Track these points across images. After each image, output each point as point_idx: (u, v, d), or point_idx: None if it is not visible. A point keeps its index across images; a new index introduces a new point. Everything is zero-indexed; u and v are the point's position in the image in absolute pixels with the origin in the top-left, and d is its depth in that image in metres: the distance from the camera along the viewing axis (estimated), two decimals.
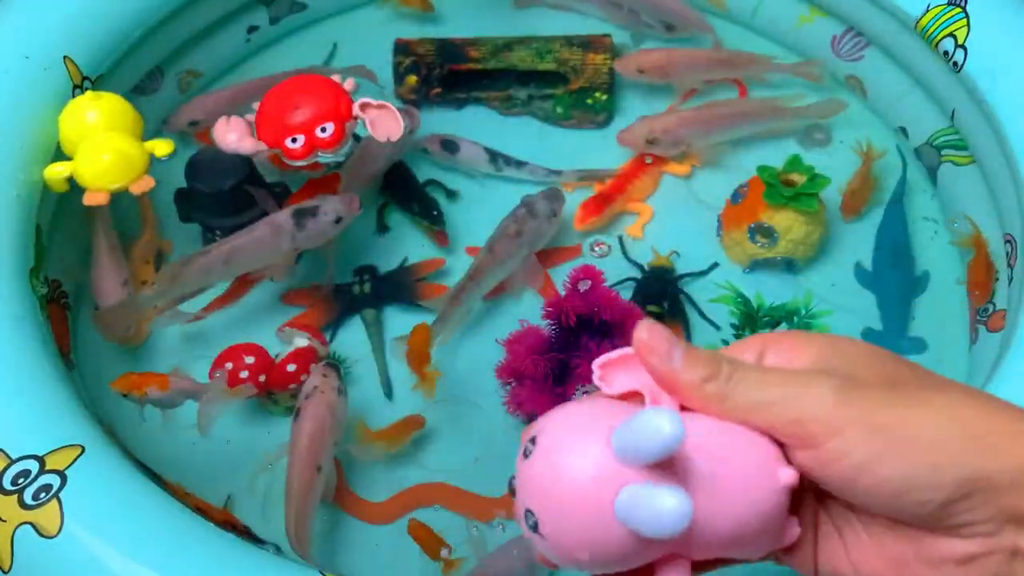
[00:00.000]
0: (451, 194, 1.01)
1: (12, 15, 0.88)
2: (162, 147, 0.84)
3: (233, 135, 0.86)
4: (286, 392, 0.84)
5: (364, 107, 0.86)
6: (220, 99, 1.01)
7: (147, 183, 0.82)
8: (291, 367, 0.84)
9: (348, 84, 0.89)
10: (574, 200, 1.00)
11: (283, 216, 0.86)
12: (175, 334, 0.90)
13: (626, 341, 0.38)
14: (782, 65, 1.07)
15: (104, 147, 0.80)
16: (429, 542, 0.78)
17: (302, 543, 0.75)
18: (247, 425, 0.86)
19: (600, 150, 1.04)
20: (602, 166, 1.02)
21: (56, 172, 0.81)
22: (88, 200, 0.81)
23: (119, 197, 0.83)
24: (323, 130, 0.84)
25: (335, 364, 0.83)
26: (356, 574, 0.79)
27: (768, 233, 0.93)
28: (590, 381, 0.76)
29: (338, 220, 0.87)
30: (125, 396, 0.80)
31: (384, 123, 0.86)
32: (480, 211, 1.00)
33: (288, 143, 0.84)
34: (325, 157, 0.86)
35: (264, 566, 0.63)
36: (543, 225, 0.91)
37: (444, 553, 0.77)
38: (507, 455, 0.84)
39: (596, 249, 0.96)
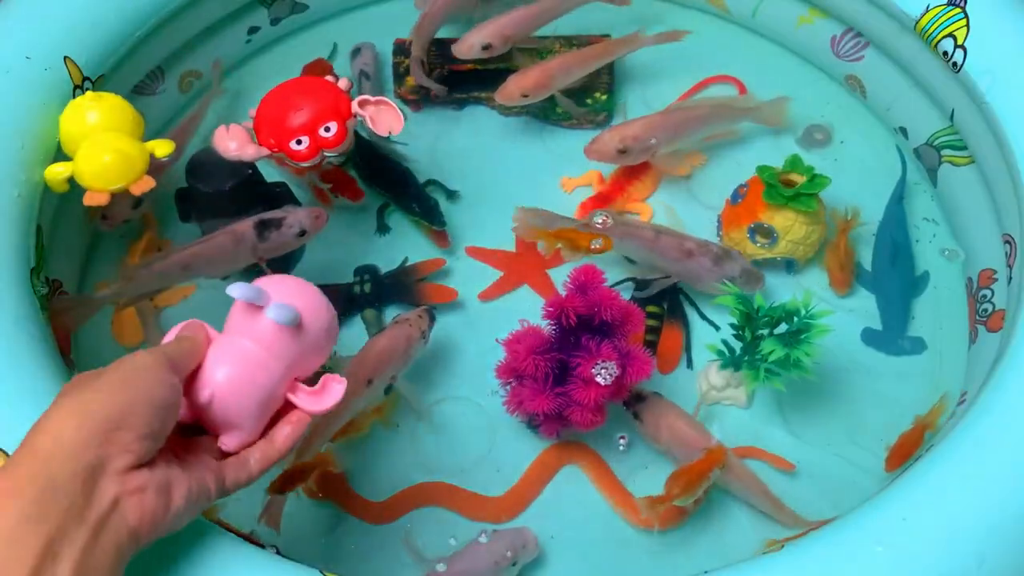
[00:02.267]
0: (451, 194, 1.01)
1: (13, 15, 0.88)
2: (162, 147, 0.84)
3: (233, 143, 0.85)
4: None
5: (363, 104, 0.86)
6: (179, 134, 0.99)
7: (147, 183, 0.81)
8: None
9: (343, 83, 0.89)
10: (574, 200, 1.00)
11: (245, 226, 0.85)
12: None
13: (626, 342, 0.37)
14: (648, 38, 1.05)
15: (104, 147, 0.80)
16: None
17: (310, 442, 0.78)
18: None
19: None
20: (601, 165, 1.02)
21: (57, 172, 0.81)
22: (88, 200, 0.81)
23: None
24: (327, 130, 0.84)
25: (433, 314, 0.87)
26: (357, 574, 0.79)
27: (768, 233, 0.93)
28: (590, 381, 0.77)
29: (302, 233, 0.86)
30: None
31: (384, 118, 0.86)
32: (480, 211, 1.00)
33: (293, 145, 0.84)
34: (330, 156, 0.86)
35: (265, 565, 0.63)
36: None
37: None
38: (508, 455, 0.86)
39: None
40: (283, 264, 0.93)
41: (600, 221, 0.93)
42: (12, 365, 0.70)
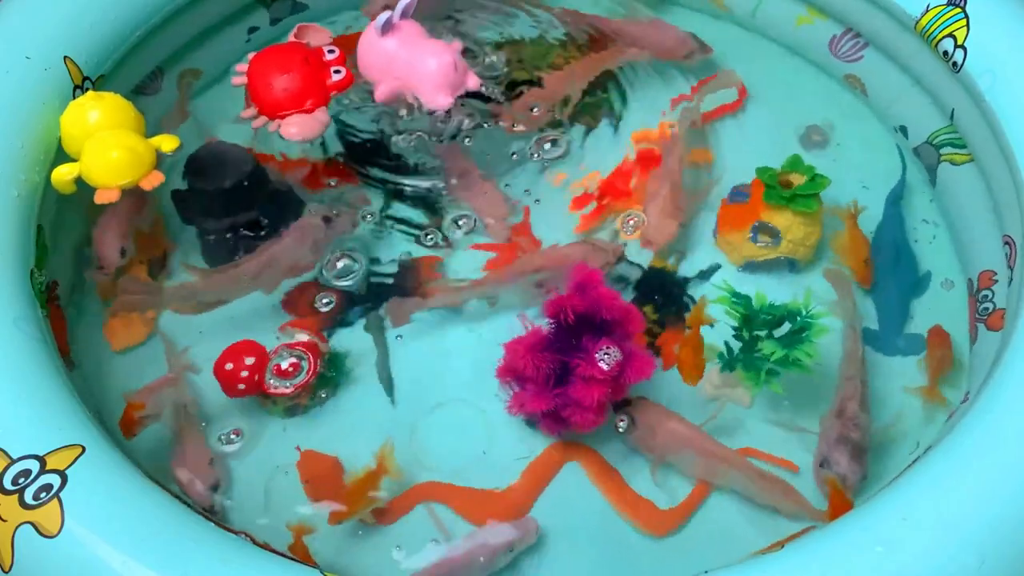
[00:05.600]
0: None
1: (13, 16, 0.88)
2: (168, 143, 0.84)
3: (294, 127, 0.91)
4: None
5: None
6: None
7: (157, 178, 0.82)
8: (288, 367, 0.84)
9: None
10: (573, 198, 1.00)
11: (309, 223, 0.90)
12: (175, 335, 0.90)
13: (628, 342, 0.37)
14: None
15: (111, 145, 0.80)
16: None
17: None
18: (248, 426, 0.86)
19: (603, 148, 1.04)
20: (605, 162, 1.02)
21: (64, 173, 0.81)
22: (99, 198, 0.81)
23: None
24: (332, 52, 0.96)
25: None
26: (360, 574, 0.79)
27: (772, 233, 0.93)
28: (590, 378, 0.77)
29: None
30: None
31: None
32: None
33: (334, 76, 0.94)
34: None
35: (264, 565, 0.64)
36: None
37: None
38: (508, 454, 0.85)
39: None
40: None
41: (632, 222, 0.94)
42: (11, 365, 0.71)
